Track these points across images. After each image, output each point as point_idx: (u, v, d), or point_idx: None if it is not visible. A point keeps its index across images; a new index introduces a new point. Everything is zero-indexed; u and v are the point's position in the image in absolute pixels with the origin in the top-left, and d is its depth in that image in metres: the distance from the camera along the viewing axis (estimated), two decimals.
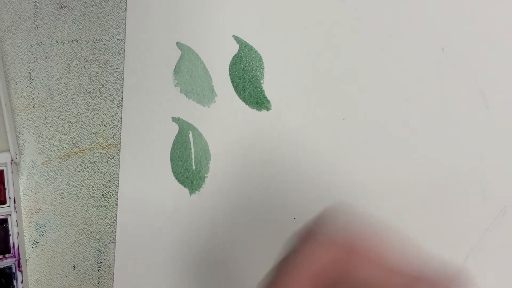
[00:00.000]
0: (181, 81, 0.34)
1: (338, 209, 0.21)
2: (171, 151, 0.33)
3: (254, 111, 0.34)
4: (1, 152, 0.31)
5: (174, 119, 0.33)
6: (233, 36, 0.35)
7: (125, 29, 0.34)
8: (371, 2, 0.36)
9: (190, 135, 0.33)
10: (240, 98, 0.34)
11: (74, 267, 0.32)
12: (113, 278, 0.32)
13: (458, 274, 0.19)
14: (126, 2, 0.35)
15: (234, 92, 0.34)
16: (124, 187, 0.32)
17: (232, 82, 0.34)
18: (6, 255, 0.30)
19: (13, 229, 0.30)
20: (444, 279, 0.18)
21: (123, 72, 0.34)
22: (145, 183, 0.32)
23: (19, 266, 0.30)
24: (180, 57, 0.34)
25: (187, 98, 0.34)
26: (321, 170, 0.33)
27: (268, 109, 0.34)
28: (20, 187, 0.32)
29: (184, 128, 0.33)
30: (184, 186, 0.33)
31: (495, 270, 0.33)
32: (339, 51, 0.35)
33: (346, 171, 0.33)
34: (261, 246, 0.32)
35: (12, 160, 0.31)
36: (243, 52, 0.34)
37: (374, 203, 0.33)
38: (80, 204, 0.32)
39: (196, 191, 0.33)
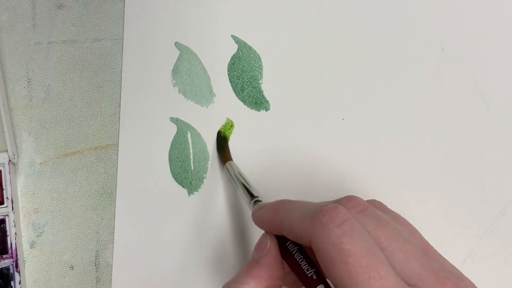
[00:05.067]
0: (179, 81, 0.34)
1: None
2: (169, 152, 0.33)
3: (253, 111, 0.34)
4: None
5: (172, 120, 0.33)
6: (232, 36, 0.35)
7: (123, 29, 0.34)
8: (371, 2, 0.36)
9: (189, 136, 0.33)
10: (239, 98, 0.34)
11: (72, 267, 0.32)
12: (111, 279, 0.32)
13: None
14: (124, 2, 0.35)
15: (233, 92, 0.34)
16: (122, 188, 0.32)
17: (230, 82, 0.34)
18: (4, 256, 0.30)
19: (10, 230, 0.30)
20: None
21: (121, 72, 0.34)
22: (143, 184, 0.32)
23: (16, 266, 0.30)
24: (178, 57, 0.34)
25: (186, 99, 0.34)
26: (320, 170, 0.33)
27: (267, 109, 0.34)
28: (18, 187, 0.32)
29: (183, 129, 0.33)
30: (183, 186, 0.32)
31: (494, 271, 0.33)
32: (338, 51, 0.35)
33: (345, 171, 0.33)
34: None
35: (9, 161, 0.31)
36: (242, 52, 0.34)
37: None
38: (78, 204, 0.32)
39: (195, 192, 0.32)
